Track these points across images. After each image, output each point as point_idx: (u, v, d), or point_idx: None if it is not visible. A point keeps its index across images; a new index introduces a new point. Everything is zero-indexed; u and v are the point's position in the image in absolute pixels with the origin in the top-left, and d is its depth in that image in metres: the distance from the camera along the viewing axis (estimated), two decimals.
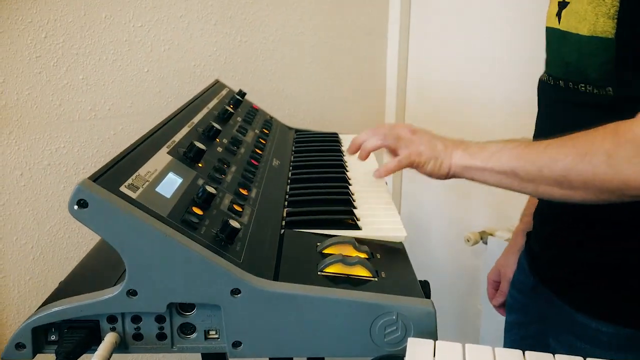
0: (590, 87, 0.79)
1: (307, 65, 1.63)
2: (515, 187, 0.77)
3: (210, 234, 0.57)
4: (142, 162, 0.62)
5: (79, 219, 0.50)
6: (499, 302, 1.16)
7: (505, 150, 0.77)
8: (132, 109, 1.31)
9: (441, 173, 0.82)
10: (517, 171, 0.75)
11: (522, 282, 1.04)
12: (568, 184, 0.71)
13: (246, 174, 0.80)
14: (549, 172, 0.72)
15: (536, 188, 0.75)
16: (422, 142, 0.84)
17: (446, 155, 0.81)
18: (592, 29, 0.76)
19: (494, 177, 0.78)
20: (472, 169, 0.79)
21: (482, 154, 0.79)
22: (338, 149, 1.08)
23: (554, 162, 0.72)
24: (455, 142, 0.83)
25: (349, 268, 0.60)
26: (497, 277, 1.18)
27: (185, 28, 1.36)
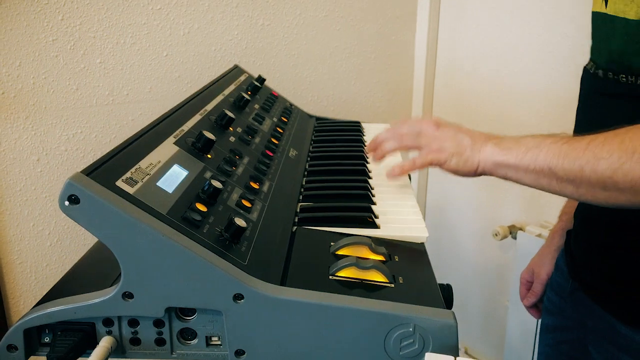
0: (632, 78, 0.72)
1: (332, 50, 1.57)
2: (554, 187, 0.69)
3: (214, 233, 0.53)
4: (145, 153, 0.58)
5: (70, 216, 0.47)
6: (530, 303, 1.09)
7: (543, 145, 0.69)
8: (151, 94, 1.28)
9: (468, 170, 0.74)
10: (555, 170, 0.67)
11: (560, 285, 0.97)
12: (613, 185, 0.63)
13: (259, 165, 0.76)
14: (592, 172, 0.64)
15: (577, 189, 0.67)
16: (446, 137, 0.76)
17: (474, 150, 0.74)
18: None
19: (529, 176, 0.70)
20: (505, 166, 0.72)
21: (516, 150, 0.71)
22: (359, 139, 1.02)
23: (597, 160, 0.64)
24: (486, 135, 0.76)
25: (363, 272, 0.55)
26: (530, 277, 1.10)
27: (206, 11, 1.31)
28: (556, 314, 0.98)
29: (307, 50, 1.52)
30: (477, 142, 0.75)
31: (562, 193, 0.70)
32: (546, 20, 1.43)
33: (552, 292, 1.01)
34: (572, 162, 0.66)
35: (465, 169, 0.74)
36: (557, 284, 0.99)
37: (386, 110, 1.76)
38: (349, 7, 1.57)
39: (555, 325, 0.99)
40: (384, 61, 1.70)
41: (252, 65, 1.42)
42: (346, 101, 1.65)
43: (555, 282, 1.00)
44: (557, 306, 0.97)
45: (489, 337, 1.70)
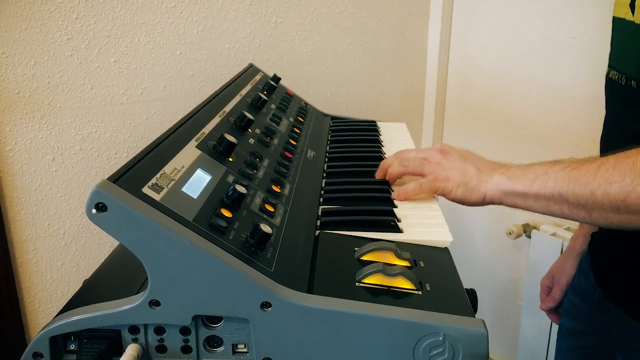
0: None
1: (345, 47, 1.56)
2: (565, 213, 0.68)
3: (240, 240, 0.53)
4: (169, 158, 0.57)
5: (97, 223, 0.46)
6: (548, 307, 1.08)
7: (552, 172, 0.68)
8: (165, 92, 1.27)
9: (474, 200, 0.73)
10: (566, 196, 0.66)
11: (584, 290, 0.95)
12: (626, 208, 0.62)
13: (279, 168, 0.75)
14: (603, 196, 0.63)
15: (589, 214, 0.66)
16: (452, 166, 0.75)
17: (480, 180, 0.73)
18: None
19: (539, 203, 0.69)
20: (514, 195, 0.71)
21: (524, 177, 0.70)
22: (376, 139, 1.01)
23: (609, 184, 0.62)
24: (493, 164, 0.75)
25: (390, 279, 0.55)
26: (550, 283, 1.08)
27: (219, 9, 1.30)
28: (578, 319, 0.97)
29: (320, 48, 1.51)
30: (484, 171, 0.74)
31: (574, 218, 0.69)
32: (560, 17, 1.42)
33: (575, 295, 0.99)
34: (583, 187, 0.65)
35: (471, 199, 0.73)
36: (581, 288, 0.97)
37: (399, 107, 1.74)
38: (362, 3, 1.56)
39: (577, 330, 0.97)
40: (396, 58, 1.69)
41: (266, 62, 1.41)
42: (358, 99, 1.64)
43: (579, 286, 0.98)
44: (581, 311, 0.96)
45: (502, 337, 1.69)
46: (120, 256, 0.67)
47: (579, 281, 0.98)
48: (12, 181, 1.11)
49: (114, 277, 0.62)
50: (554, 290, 1.06)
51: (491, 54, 1.61)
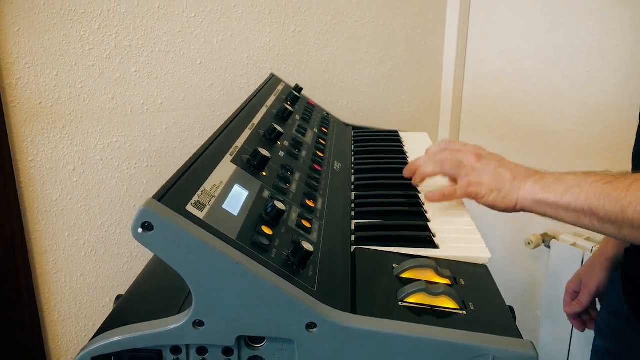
0: None
1: (363, 55, 1.56)
2: (596, 227, 0.67)
3: (282, 257, 0.52)
4: (207, 174, 0.57)
5: (144, 243, 0.45)
6: (573, 311, 1.05)
7: (585, 185, 0.67)
8: (185, 102, 1.27)
9: (506, 205, 0.72)
10: (596, 210, 0.65)
11: (615, 307, 0.92)
12: None
13: (310, 181, 0.74)
14: (634, 214, 0.62)
15: (619, 230, 0.65)
16: (486, 170, 0.74)
17: (513, 186, 0.72)
18: None
19: (569, 214, 0.68)
20: (545, 204, 0.70)
21: (557, 188, 0.69)
22: (400, 150, 1.01)
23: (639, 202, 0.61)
24: (527, 171, 0.74)
25: (433, 298, 0.54)
26: (577, 287, 1.05)
27: (239, 18, 1.30)
28: (610, 337, 0.94)
29: (337, 56, 1.51)
30: (518, 178, 0.73)
31: (605, 233, 0.68)
32: (578, 25, 1.41)
33: (607, 312, 0.96)
34: (613, 203, 0.64)
35: (503, 205, 0.73)
36: (612, 305, 0.95)
37: (414, 116, 1.74)
38: (379, 12, 1.55)
39: (608, 349, 0.94)
40: (412, 67, 1.68)
41: (284, 71, 1.41)
42: (375, 107, 1.63)
43: (611, 303, 0.95)
44: (612, 328, 0.93)
45: None
46: (155, 273, 0.66)
47: (612, 299, 0.96)
48: (33, 192, 1.11)
49: (151, 295, 0.61)
50: (582, 295, 1.03)
51: (508, 63, 1.60)
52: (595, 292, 1.02)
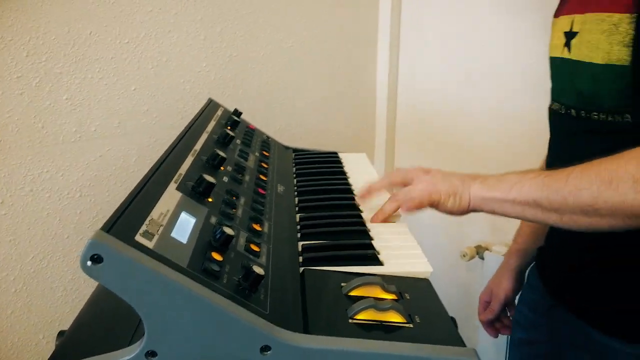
0: (603, 115, 0.78)
1: (299, 79, 1.59)
2: (539, 217, 0.74)
3: (233, 283, 0.52)
4: (153, 203, 0.56)
5: (93, 276, 0.45)
6: (486, 319, 1.17)
7: (526, 180, 0.75)
8: (119, 129, 1.24)
9: (462, 208, 0.79)
10: (540, 201, 0.72)
11: (535, 302, 1.02)
12: (594, 212, 0.69)
13: (256, 205, 0.75)
14: (574, 201, 0.70)
15: (560, 218, 0.72)
16: (438, 180, 0.81)
17: (464, 189, 0.78)
18: (607, 57, 0.75)
19: (515, 208, 0.75)
20: (492, 201, 0.77)
21: (501, 185, 0.76)
22: (341, 171, 1.03)
23: (578, 190, 0.69)
24: (471, 175, 0.81)
25: (382, 314, 0.56)
26: (488, 298, 1.18)
27: (174, 44, 1.30)
28: (530, 329, 1.03)
29: (274, 80, 1.53)
30: (465, 181, 0.79)
31: (546, 222, 0.76)
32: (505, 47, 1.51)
33: (526, 307, 1.06)
34: (555, 193, 0.71)
35: (459, 208, 0.79)
36: (531, 300, 1.04)
37: (351, 137, 1.78)
38: (314, 37, 1.60)
39: (529, 340, 1.04)
40: (348, 90, 1.74)
41: (221, 96, 1.41)
42: (312, 130, 1.66)
43: (529, 299, 1.05)
44: (531, 321, 1.02)
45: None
46: (100, 305, 0.64)
47: (529, 294, 1.06)
48: None
49: (97, 328, 0.59)
50: (493, 304, 1.15)
51: (437, 84, 1.68)
52: (504, 301, 1.14)
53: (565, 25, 0.87)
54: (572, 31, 0.83)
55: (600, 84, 0.77)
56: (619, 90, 0.75)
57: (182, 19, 1.30)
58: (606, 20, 0.74)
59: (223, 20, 1.38)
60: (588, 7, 0.80)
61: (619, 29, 0.72)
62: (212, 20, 1.35)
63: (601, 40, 0.75)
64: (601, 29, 0.75)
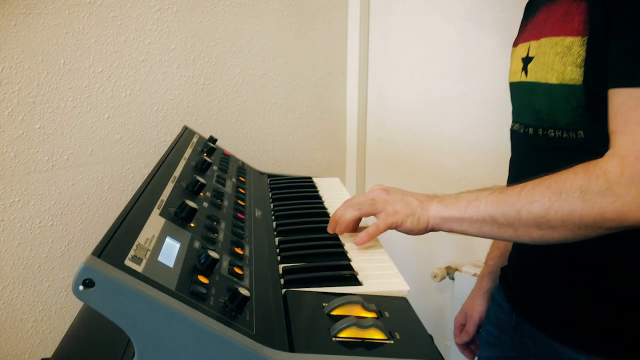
0: (559, 132, 0.83)
1: (271, 106, 1.62)
2: (495, 233, 0.78)
3: (219, 305, 0.54)
4: (139, 228, 0.58)
5: (85, 300, 0.45)
6: (463, 341, 1.19)
7: (481, 198, 0.79)
8: (92, 157, 1.24)
9: (420, 228, 0.82)
10: (495, 217, 0.76)
11: (501, 320, 1.05)
12: (547, 224, 0.73)
13: (236, 230, 0.77)
14: (528, 214, 0.74)
15: (515, 231, 0.76)
16: (397, 200, 0.84)
17: (423, 209, 0.82)
18: (561, 77, 0.80)
19: (472, 225, 0.79)
20: (451, 220, 0.80)
21: (458, 204, 0.80)
22: (316, 195, 1.06)
23: (530, 204, 0.73)
24: (429, 196, 0.84)
25: (364, 331, 0.58)
26: (463, 320, 1.20)
27: (148, 72, 1.31)
28: (497, 346, 1.06)
29: (246, 107, 1.56)
30: (424, 202, 0.83)
31: (503, 237, 0.80)
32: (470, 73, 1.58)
33: (492, 326, 1.09)
34: (510, 208, 0.75)
35: (418, 228, 0.82)
36: (497, 318, 1.07)
37: (323, 162, 1.82)
38: (285, 65, 1.64)
39: (497, 357, 1.07)
40: (319, 116, 1.78)
41: (194, 123, 1.43)
42: (285, 155, 1.69)
43: (496, 317, 1.08)
44: (498, 339, 1.05)
45: None
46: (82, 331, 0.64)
47: (495, 312, 1.09)
48: None
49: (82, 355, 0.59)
50: (468, 325, 1.18)
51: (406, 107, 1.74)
52: (479, 322, 1.17)
53: (522, 52, 0.93)
54: (529, 56, 0.89)
55: (556, 103, 0.82)
56: (572, 108, 0.80)
57: (155, 48, 1.32)
58: (559, 43, 0.80)
59: (196, 49, 1.40)
60: (542, 33, 0.86)
61: (572, 51, 0.78)
62: (185, 49, 1.38)
63: (555, 62, 0.80)
64: (555, 51, 0.81)
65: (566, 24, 0.78)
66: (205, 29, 1.42)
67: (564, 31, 0.79)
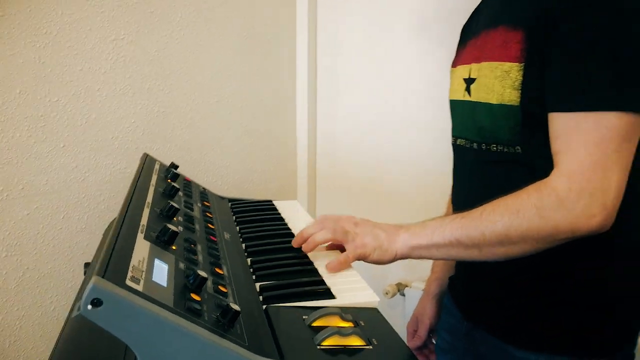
0: (501, 147, 0.92)
1: (224, 132, 1.66)
2: (462, 254, 0.85)
3: (212, 319, 0.57)
4: (130, 251, 0.60)
5: (93, 318, 0.48)
6: (416, 345, 1.26)
7: (446, 224, 0.85)
8: (47, 186, 1.23)
9: (388, 258, 0.88)
10: (461, 240, 0.83)
11: (453, 326, 1.13)
12: (508, 241, 0.81)
13: (212, 251, 0.80)
14: (491, 234, 0.81)
15: (480, 251, 0.84)
16: (365, 233, 0.89)
17: (390, 241, 0.87)
18: (501, 98, 0.89)
19: (440, 250, 0.85)
20: (419, 248, 0.86)
21: (425, 232, 0.86)
22: (279, 217, 1.11)
23: (493, 224, 0.81)
24: (396, 227, 0.90)
25: (345, 339, 0.63)
26: (415, 326, 1.28)
27: (103, 101, 1.32)
28: (452, 352, 1.14)
29: (201, 134, 1.58)
30: (391, 233, 0.88)
31: (469, 258, 0.86)
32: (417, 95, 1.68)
33: (445, 332, 1.17)
34: (474, 230, 0.83)
35: (386, 258, 0.88)
36: (450, 324, 1.15)
37: (274, 187, 1.86)
38: (238, 93, 1.68)
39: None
40: (271, 142, 1.83)
41: (149, 150, 1.44)
42: (240, 180, 1.73)
43: (448, 323, 1.16)
44: (452, 345, 1.13)
45: None
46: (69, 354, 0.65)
47: (447, 319, 1.17)
48: None
49: None
50: (419, 331, 1.26)
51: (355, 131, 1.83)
52: (429, 326, 1.25)
53: (464, 73, 1.02)
54: (471, 77, 0.98)
55: (497, 121, 0.92)
56: (511, 126, 0.89)
57: (111, 77, 1.33)
58: (499, 67, 0.90)
59: (151, 78, 1.43)
60: (483, 57, 0.95)
61: (510, 75, 0.88)
62: (140, 78, 1.40)
63: (495, 84, 0.90)
64: (495, 75, 0.90)
65: (505, 50, 0.88)
66: (159, 58, 1.44)
67: (503, 57, 0.88)
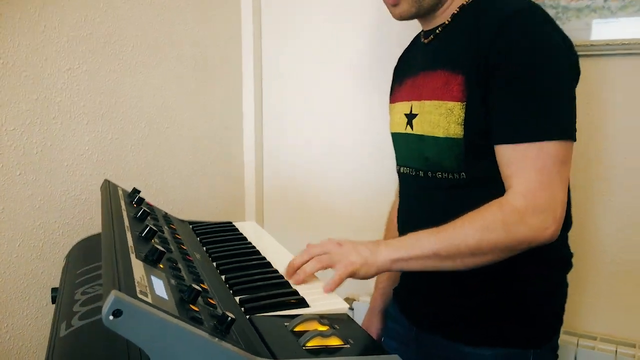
0: (445, 174, 1.05)
1: (176, 158, 1.70)
2: (437, 265, 0.95)
3: (211, 326, 0.63)
4: (130, 269, 0.65)
5: (114, 328, 0.53)
6: None
7: (422, 238, 0.96)
8: (3, 215, 1.23)
9: (371, 273, 0.96)
10: (439, 252, 0.94)
11: (401, 334, 1.24)
12: (480, 252, 0.93)
13: (192, 269, 0.86)
14: (465, 247, 0.93)
15: (454, 261, 0.95)
16: (350, 252, 0.96)
17: (373, 256, 0.95)
18: (446, 132, 1.02)
19: (419, 262, 0.95)
20: (400, 260, 0.95)
21: (404, 246, 0.96)
22: (242, 237, 1.17)
23: (466, 237, 0.93)
24: (374, 243, 0.98)
25: (326, 339, 0.71)
26: None
27: (59, 129, 1.34)
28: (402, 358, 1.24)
29: (153, 160, 1.62)
30: (372, 249, 0.96)
31: (443, 268, 0.97)
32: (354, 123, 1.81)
33: (392, 341, 1.27)
34: (449, 244, 0.94)
35: (371, 273, 0.96)
36: (397, 333, 1.26)
37: (223, 209, 1.91)
38: (187, 119, 1.74)
39: None
40: (219, 167, 1.88)
41: (103, 176, 1.46)
42: (190, 203, 1.77)
43: (395, 332, 1.27)
44: (401, 351, 1.20)
45: None
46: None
47: (394, 327, 1.27)
48: None
49: None
50: None
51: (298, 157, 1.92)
52: (377, 338, 1.34)
53: (404, 109, 1.14)
54: (413, 113, 1.10)
55: (442, 152, 1.04)
56: (455, 156, 1.02)
57: (66, 106, 1.35)
58: (443, 106, 1.02)
59: (104, 105, 1.46)
60: (423, 95, 1.08)
61: (453, 112, 1.01)
62: (94, 106, 1.43)
63: (441, 120, 1.03)
64: (439, 112, 1.03)
65: (447, 91, 1.01)
66: (112, 86, 1.48)
67: (446, 96, 1.01)
